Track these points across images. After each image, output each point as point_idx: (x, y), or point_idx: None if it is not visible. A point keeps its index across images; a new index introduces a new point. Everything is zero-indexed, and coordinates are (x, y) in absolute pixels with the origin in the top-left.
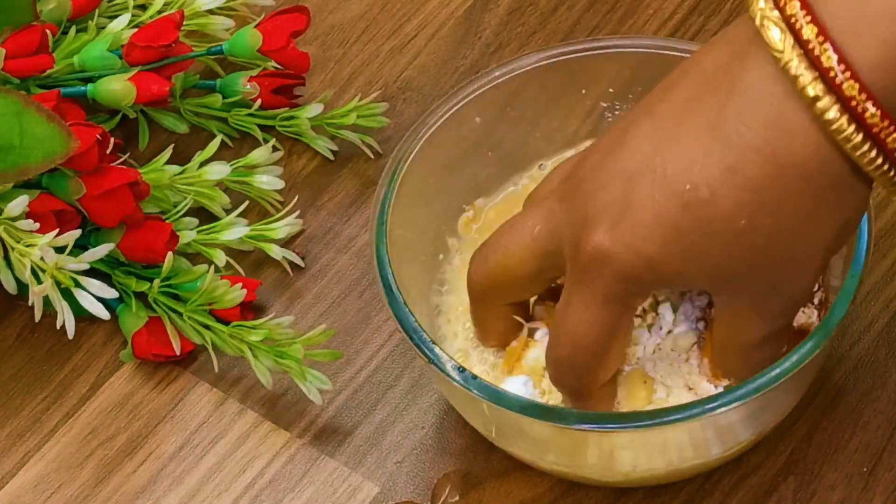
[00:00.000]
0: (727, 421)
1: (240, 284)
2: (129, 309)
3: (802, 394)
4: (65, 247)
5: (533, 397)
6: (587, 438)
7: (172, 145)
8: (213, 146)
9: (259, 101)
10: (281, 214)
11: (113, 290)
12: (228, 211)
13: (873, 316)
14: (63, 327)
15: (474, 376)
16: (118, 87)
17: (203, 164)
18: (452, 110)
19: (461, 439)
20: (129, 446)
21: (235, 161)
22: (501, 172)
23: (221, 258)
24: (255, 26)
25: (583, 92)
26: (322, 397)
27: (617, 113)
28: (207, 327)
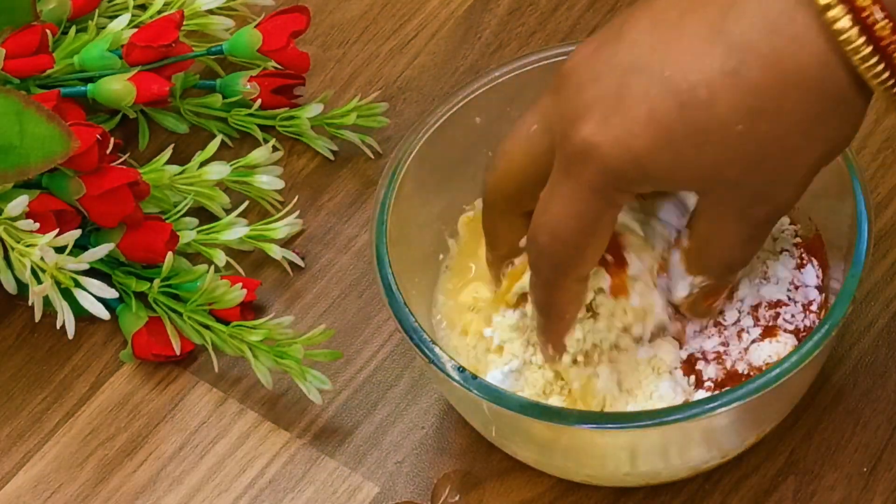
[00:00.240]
0: (727, 421)
1: (240, 284)
2: (129, 309)
3: (802, 394)
4: (65, 247)
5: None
6: (587, 438)
7: (172, 145)
8: (213, 146)
9: (259, 101)
10: (281, 214)
11: (113, 290)
12: (228, 211)
13: (873, 316)
14: (63, 327)
15: (474, 376)
16: (118, 87)
17: (203, 164)
18: (452, 110)
19: (461, 439)
20: (129, 446)
21: (235, 161)
22: None
23: (221, 258)
24: (255, 26)
25: None
26: (322, 397)
27: None
28: (207, 327)
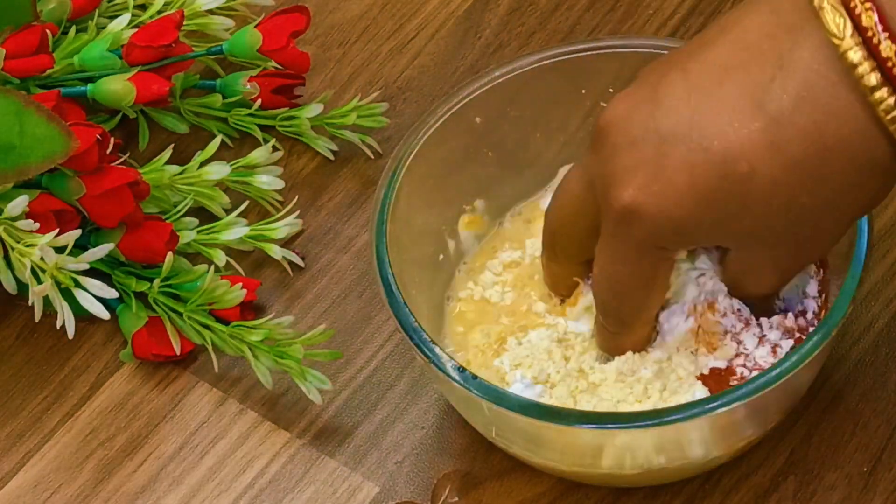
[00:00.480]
0: (727, 420)
1: (240, 284)
2: (129, 309)
3: (802, 394)
4: (65, 247)
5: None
6: (587, 438)
7: (172, 145)
8: (213, 146)
9: (259, 101)
10: (281, 214)
11: (113, 290)
12: (228, 211)
13: (873, 316)
14: (63, 327)
15: (474, 376)
16: (118, 87)
17: (203, 164)
18: (452, 110)
19: (461, 439)
20: (129, 446)
21: (235, 161)
22: (501, 172)
23: (221, 258)
24: (255, 26)
25: (583, 92)
26: (322, 397)
27: None
28: (207, 327)
